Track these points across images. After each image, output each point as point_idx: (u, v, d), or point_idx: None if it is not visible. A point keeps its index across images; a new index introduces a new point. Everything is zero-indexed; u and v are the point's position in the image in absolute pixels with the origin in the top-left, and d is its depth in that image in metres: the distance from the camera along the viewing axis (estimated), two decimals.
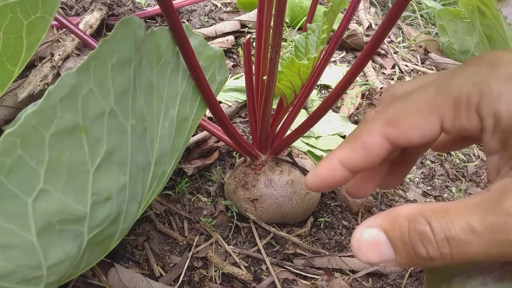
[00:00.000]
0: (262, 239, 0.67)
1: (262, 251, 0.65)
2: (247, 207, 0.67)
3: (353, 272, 0.64)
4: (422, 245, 0.24)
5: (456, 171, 0.90)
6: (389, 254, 0.25)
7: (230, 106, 0.92)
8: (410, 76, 1.19)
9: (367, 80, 1.11)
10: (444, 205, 0.24)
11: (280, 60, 0.53)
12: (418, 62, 1.27)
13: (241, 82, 0.97)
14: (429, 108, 0.27)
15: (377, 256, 0.26)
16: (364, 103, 1.02)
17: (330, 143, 0.81)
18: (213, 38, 1.13)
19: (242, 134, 0.89)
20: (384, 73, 1.19)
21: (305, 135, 0.80)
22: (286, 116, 0.66)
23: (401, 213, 0.25)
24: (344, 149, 0.30)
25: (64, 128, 0.31)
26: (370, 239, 0.26)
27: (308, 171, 0.68)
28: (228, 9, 1.31)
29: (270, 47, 0.51)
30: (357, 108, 1.00)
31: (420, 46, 1.36)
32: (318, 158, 0.78)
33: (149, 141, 0.45)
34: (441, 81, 0.27)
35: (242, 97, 0.94)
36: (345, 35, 1.22)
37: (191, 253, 0.63)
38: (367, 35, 1.30)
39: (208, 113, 0.84)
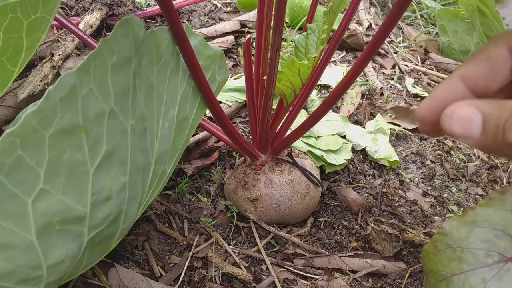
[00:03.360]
0: (262, 239, 0.67)
1: (262, 251, 0.65)
2: (247, 207, 0.67)
3: (353, 272, 0.64)
4: None
5: (456, 171, 0.89)
6: (475, 132, 0.27)
7: (230, 106, 0.92)
8: (410, 76, 1.19)
9: (367, 80, 1.11)
10: None
11: (280, 60, 0.53)
12: (418, 62, 1.27)
13: (241, 82, 0.97)
14: None
15: (463, 130, 0.27)
16: (364, 103, 1.02)
17: (330, 143, 0.81)
18: (213, 38, 1.13)
19: (242, 134, 0.89)
20: (384, 73, 1.19)
21: (305, 135, 0.80)
22: (286, 116, 0.66)
23: (506, 104, 0.27)
24: (466, 65, 0.31)
25: (64, 128, 0.31)
26: (465, 114, 0.27)
27: (308, 171, 0.68)
28: (228, 9, 1.31)
29: (270, 47, 0.51)
30: (357, 108, 1.00)
31: (420, 46, 1.36)
32: (318, 158, 0.78)
33: (149, 141, 0.45)
34: None
35: (242, 97, 0.94)
36: (345, 35, 1.22)
37: (191, 253, 0.63)
38: (367, 35, 1.30)
39: (208, 113, 0.84)
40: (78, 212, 0.35)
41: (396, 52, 1.29)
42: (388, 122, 0.97)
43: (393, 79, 1.16)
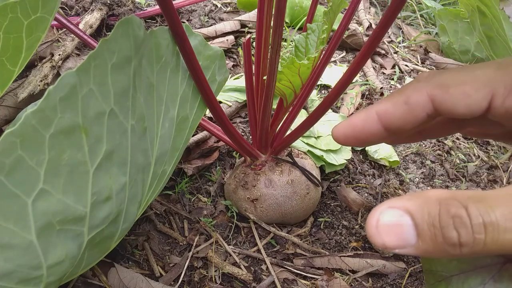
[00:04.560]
0: (262, 239, 0.67)
1: (262, 251, 0.65)
2: (247, 207, 0.67)
3: (353, 272, 0.64)
4: (454, 229, 0.23)
5: (456, 171, 0.89)
6: (409, 239, 0.24)
7: (230, 106, 0.92)
8: (410, 76, 1.18)
9: (367, 80, 1.11)
10: (479, 192, 0.24)
11: (280, 60, 0.53)
12: (418, 62, 1.27)
13: (241, 82, 0.97)
14: (484, 80, 0.27)
15: (396, 240, 0.24)
16: (364, 103, 1.02)
17: (330, 143, 0.81)
18: (213, 38, 1.13)
19: (242, 134, 0.89)
20: (384, 73, 1.19)
21: (305, 135, 0.80)
22: (286, 116, 0.66)
23: (431, 196, 0.24)
24: (385, 103, 0.29)
25: (64, 128, 0.31)
26: (392, 221, 0.24)
27: (308, 171, 0.68)
28: (228, 9, 1.31)
29: (270, 47, 0.51)
30: (357, 108, 1.00)
31: (420, 46, 1.36)
32: (318, 158, 0.78)
33: (149, 141, 0.45)
34: (505, 61, 0.27)
35: (242, 97, 0.94)
36: (345, 35, 1.22)
37: (191, 253, 0.63)
38: (367, 35, 1.30)
39: (208, 113, 0.84)
40: (78, 212, 0.35)
41: (396, 52, 1.29)
42: None
43: (393, 79, 1.16)
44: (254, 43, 0.64)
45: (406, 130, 0.31)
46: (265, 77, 0.55)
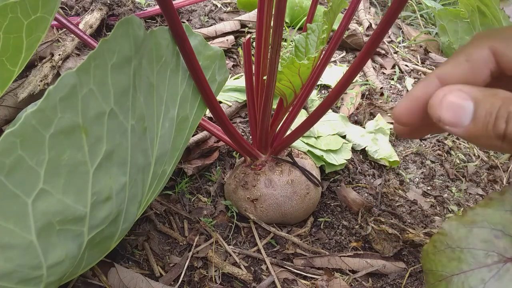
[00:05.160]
0: (262, 239, 0.67)
1: (262, 251, 0.65)
2: (247, 207, 0.67)
3: (353, 272, 0.64)
4: (505, 122, 0.25)
5: (456, 171, 0.89)
6: (464, 120, 0.26)
7: (230, 106, 0.92)
8: (410, 76, 1.18)
9: (367, 80, 1.11)
10: None
11: (280, 60, 0.53)
12: (418, 62, 1.27)
13: (241, 82, 0.97)
14: None
15: (452, 117, 0.26)
16: (364, 103, 1.02)
17: (330, 143, 0.81)
18: (213, 38, 1.13)
19: (242, 134, 0.89)
20: (384, 73, 1.19)
21: (305, 135, 0.80)
22: (286, 116, 0.66)
23: (499, 93, 0.26)
24: (445, 65, 0.29)
25: (64, 128, 0.31)
26: (455, 100, 0.26)
27: (308, 171, 0.68)
28: (228, 9, 1.31)
29: (270, 47, 0.51)
30: (357, 108, 1.00)
31: (420, 46, 1.36)
32: (318, 158, 0.78)
33: (149, 141, 0.45)
34: None
35: (242, 97, 0.94)
36: (345, 35, 1.22)
37: (191, 253, 0.63)
38: (367, 35, 1.30)
39: (208, 113, 0.84)
40: (78, 212, 0.35)
41: (396, 52, 1.29)
42: (388, 122, 0.96)
43: (393, 79, 1.16)
44: (254, 43, 0.64)
45: None
46: (265, 77, 0.55)
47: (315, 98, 0.99)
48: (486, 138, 0.26)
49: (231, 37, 1.14)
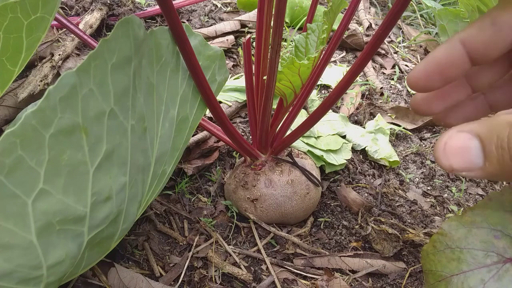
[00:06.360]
0: (262, 239, 0.67)
1: (262, 251, 0.65)
2: (247, 207, 0.67)
3: (353, 272, 0.64)
4: None
5: None
6: (477, 162, 0.24)
7: (230, 106, 0.92)
8: None
9: (367, 80, 1.11)
10: None
11: (280, 60, 0.53)
12: (418, 62, 1.27)
13: (241, 82, 0.97)
14: None
15: (463, 163, 0.24)
16: (364, 103, 1.02)
17: (330, 143, 0.81)
18: (213, 38, 1.13)
19: (242, 134, 0.89)
20: (384, 73, 1.19)
21: (305, 135, 0.80)
22: (286, 116, 0.66)
23: (500, 120, 0.23)
24: (470, 28, 0.27)
25: (64, 128, 0.31)
26: (460, 144, 0.24)
27: (308, 171, 0.68)
28: (228, 9, 1.31)
29: (270, 47, 0.51)
30: (357, 108, 1.00)
31: (420, 46, 1.36)
32: (318, 158, 0.78)
33: (149, 141, 0.45)
34: None
35: (242, 97, 0.94)
36: (345, 35, 1.22)
37: (191, 253, 0.63)
38: (367, 35, 1.30)
39: (208, 113, 0.84)
40: (78, 212, 0.35)
41: (396, 52, 1.29)
42: (388, 122, 0.97)
43: (393, 79, 1.16)
44: (254, 43, 0.64)
45: (492, 59, 0.29)
46: (265, 77, 0.55)
47: (315, 98, 0.99)
48: (510, 173, 0.23)
49: (231, 37, 1.14)
